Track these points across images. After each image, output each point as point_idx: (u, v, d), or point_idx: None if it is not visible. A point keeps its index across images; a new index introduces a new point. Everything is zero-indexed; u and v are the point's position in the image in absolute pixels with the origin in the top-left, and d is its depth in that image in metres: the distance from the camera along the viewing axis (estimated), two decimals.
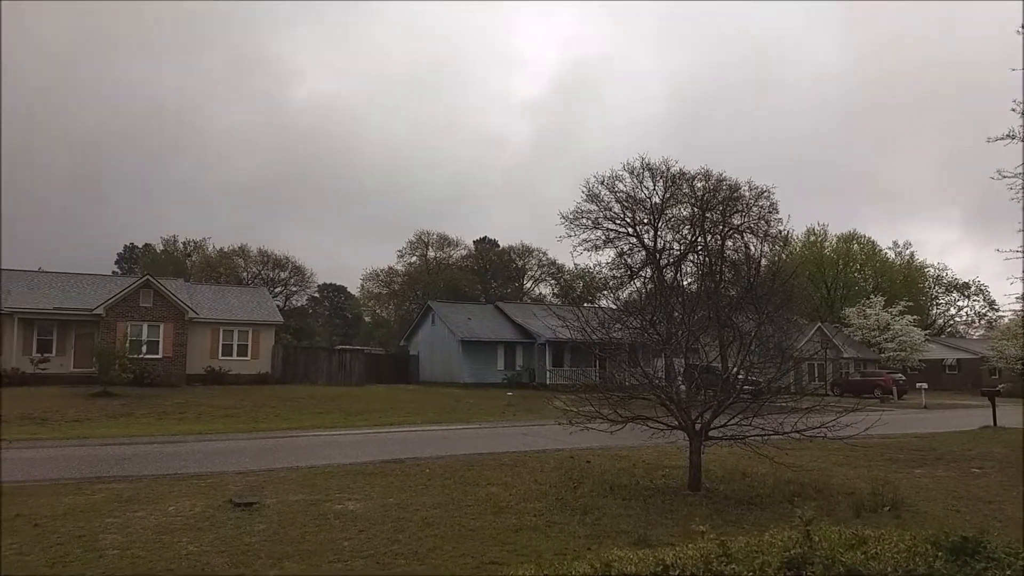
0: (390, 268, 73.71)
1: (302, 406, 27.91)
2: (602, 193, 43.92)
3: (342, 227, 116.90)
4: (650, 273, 41.14)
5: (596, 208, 44.07)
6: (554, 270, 73.17)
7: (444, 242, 74.55)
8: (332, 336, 75.37)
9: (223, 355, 36.51)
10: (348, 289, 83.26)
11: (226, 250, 69.67)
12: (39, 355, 31.83)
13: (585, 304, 30.32)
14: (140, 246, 77.25)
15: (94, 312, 32.16)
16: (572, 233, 44.44)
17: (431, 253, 74.27)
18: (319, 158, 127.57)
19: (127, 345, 31.15)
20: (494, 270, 74.80)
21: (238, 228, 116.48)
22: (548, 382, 39.73)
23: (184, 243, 74.47)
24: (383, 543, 8.52)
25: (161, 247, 74.54)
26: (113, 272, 64.19)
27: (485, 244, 76.93)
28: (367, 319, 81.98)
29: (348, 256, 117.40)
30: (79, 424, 21.45)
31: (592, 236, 44.20)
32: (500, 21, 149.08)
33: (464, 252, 75.55)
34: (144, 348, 32.54)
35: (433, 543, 8.54)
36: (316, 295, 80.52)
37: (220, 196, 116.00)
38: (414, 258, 74.05)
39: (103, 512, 9.99)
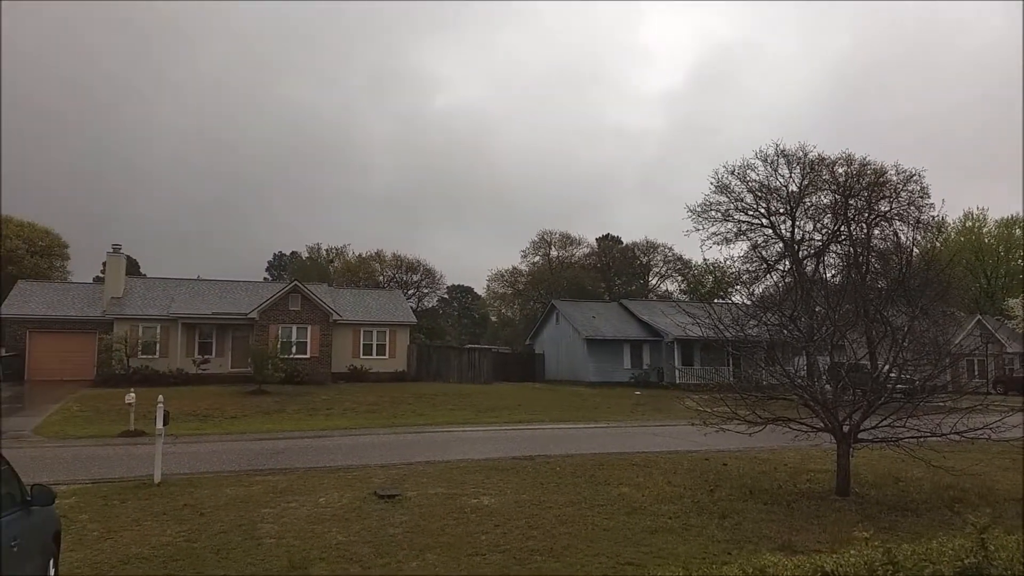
0: (514, 268, 74.83)
1: (436, 403, 28.88)
2: (732, 184, 42.28)
3: (473, 230, 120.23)
4: (788, 266, 39.10)
5: (726, 200, 42.45)
6: (680, 265, 71.37)
7: (566, 241, 74.65)
8: (461, 336, 77.52)
9: (364, 354, 38.49)
10: (475, 290, 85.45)
11: (364, 256, 73.44)
12: (201, 356, 34.89)
13: (716, 300, 29.27)
14: (288, 254, 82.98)
15: (248, 316, 34.86)
16: (700, 227, 43.12)
17: (554, 252, 74.61)
18: (455, 164, 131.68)
19: (278, 346, 33.57)
20: (618, 267, 73.95)
21: (378, 234, 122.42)
22: (677, 381, 38.76)
23: (327, 250, 79.08)
24: (518, 539, 8.66)
25: (306, 254, 79.60)
26: (264, 278, 69.36)
27: (608, 241, 76.26)
28: (493, 319, 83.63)
29: (478, 258, 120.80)
30: (237, 420, 23.34)
31: (722, 229, 42.65)
32: (631, 16, 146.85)
33: (587, 250, 75.30)
34: (293, 349, 34.93)
35: (567, 541, 8.57)
36: (445, 296, 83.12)
37: (364, 205, 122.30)
38: (537, 258, 74.70)
39: (260, 502, 10.81)
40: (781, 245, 41.76)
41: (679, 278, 72.22)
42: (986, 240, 65.95)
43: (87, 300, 37.20)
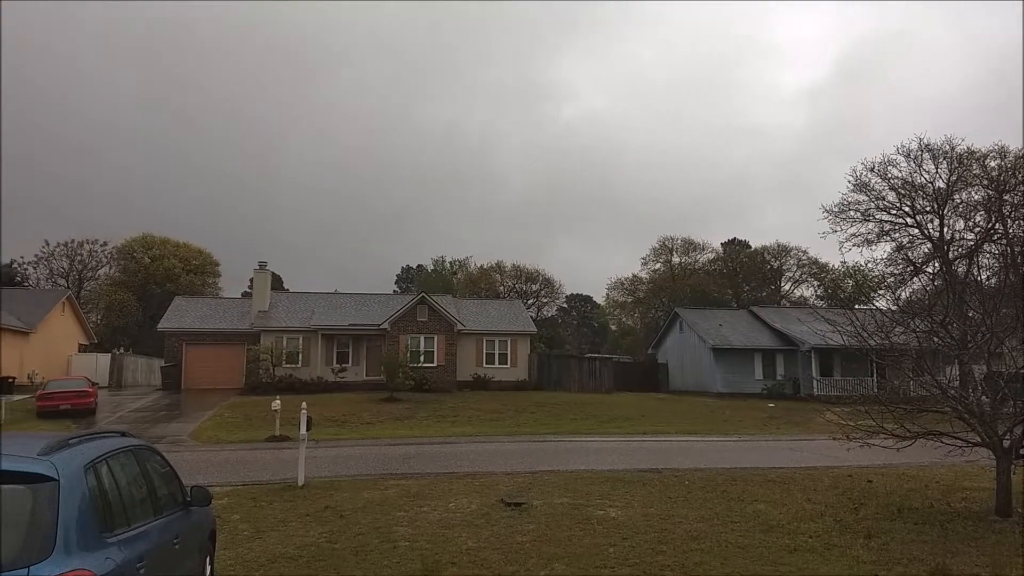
0: (634, 276, 73.64)
1: (558, 412, 28.92)
2: (872, 182, 39.66)
3: (597, 239, 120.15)
4: (937, 267, 36.10)
5: (866, 199, 39.91)
6: (816, 269, 67.50)
7: (689, 246, 72.56)
8: (580, 345, 77.21)
9: (486, 363, 39.26)
10: (594, 299, 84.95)
11: (485, 267, 75.03)
12: (338, 365, 36.82)
13: (856, 306, 27.40)
14: (414, 267, 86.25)
15: (381, 327, 36.48)
16: (838, 228, 40.71)
17: (676, 259, 72.78)
18: (581, 174, 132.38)
19: (407, 355, 34.93)
20: (746, 273, 71.03)
21: (502, 245, 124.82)
22: (815, 393, 36.58)
23: (450, 262, 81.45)
24: (647, 553, 8.48)
25: (431, 267, 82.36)
26: (393, 291, 72.34)
27: (735, 246, 73.49)
28: (613, 327, 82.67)
29: (601, 266, 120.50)
30: (372, 426, 24.45)
31: (862, 230, 40.09)
32: (762, 14, 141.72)
33: (711, 256, 72.95)
34: (421, 357, 36.22)
35: (699, 557, 8.30)
36: (564, 305, 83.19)
37: (491, 216, 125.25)
38: (658, 265, 73.17)
39: (395, 506, 11.23)
40: (929, 246, 38.74)
41: (814, 283, 68.34)
42: None
43: (236, 314, 40.30)
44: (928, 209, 38.73)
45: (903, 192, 39.04)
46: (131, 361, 43.76)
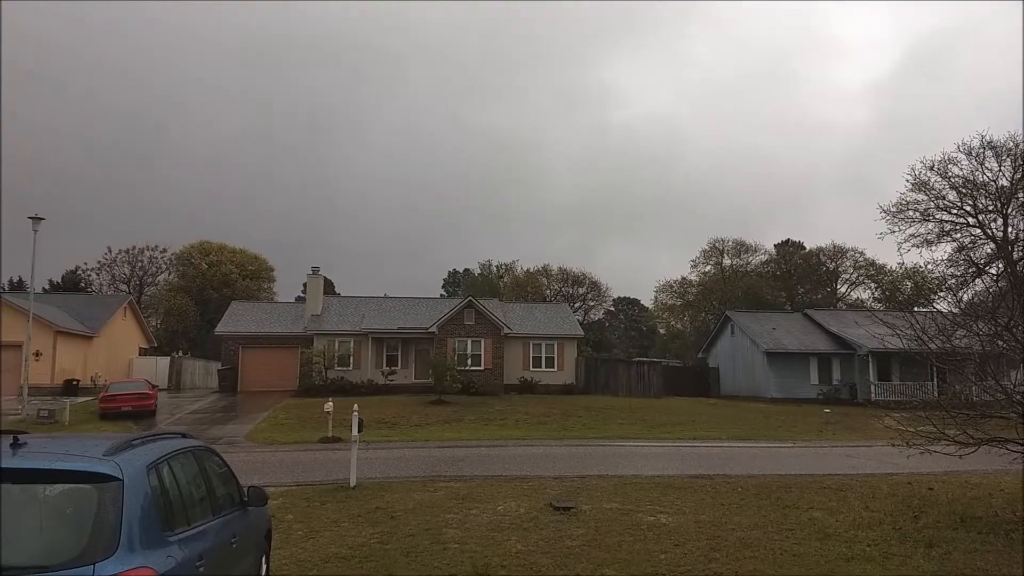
0: (683, 279, 72.60)
1: (605, 416, 28.71)
2: (932, 180, 38.37)
3: (649, 243, 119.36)
4: (1001, 268, 34.69)
5: (925, 198, 38.66)
6: (873, 271, 65.47)
7: (741, 248, 71.16)
8: (628, 348, 76.50)
9: (533, 367, 39.25)
10: (642, 302, 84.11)
11: (531, 270, 75.05)
12: (388, 368, 37.31)
13: (916, 308, 26.48)
14: (461, 271, 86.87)
15: (429, 330, 36.83)
16: (896, 228, 39.50)
17: (727, 261, 71.51)
18: (635, 176, 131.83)
19: (455, 358, 35.18)
20: (800, 275, 69.31)
21: (553, 248, 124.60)
22: (873, 398, 35.53)
23: (497, 266, 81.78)
24: (699, 560, 8.35)
25: (478, 271, 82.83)
26: (440, 295, 72.97)
27: (788, 247, 71.83)
28: (661, 331, 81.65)
29: (653, 269, 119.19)
30: (421, 428, 24.69)
31: (922, 230, 38.83)
32: (823, 9, 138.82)
33: (764, 257, 71.43)
34: (469, 361, 36.40)
35: (753, 565, 8.14)
36: (611, 309, 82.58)
37: (541, 220, 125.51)
38: (708, 267, 72.00)
39: (444, 508, 11.32)
40: (992, 246, 37.26)
41: (872, 285, 66.31)
42: None
43: (290, 318, 41.23)
44: (991, 208, 37.32)
45: (964, 191, 37.71)
46: (189, 364, 45.14)
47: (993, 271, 34.94)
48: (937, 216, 38.56)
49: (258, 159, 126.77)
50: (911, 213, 38.97)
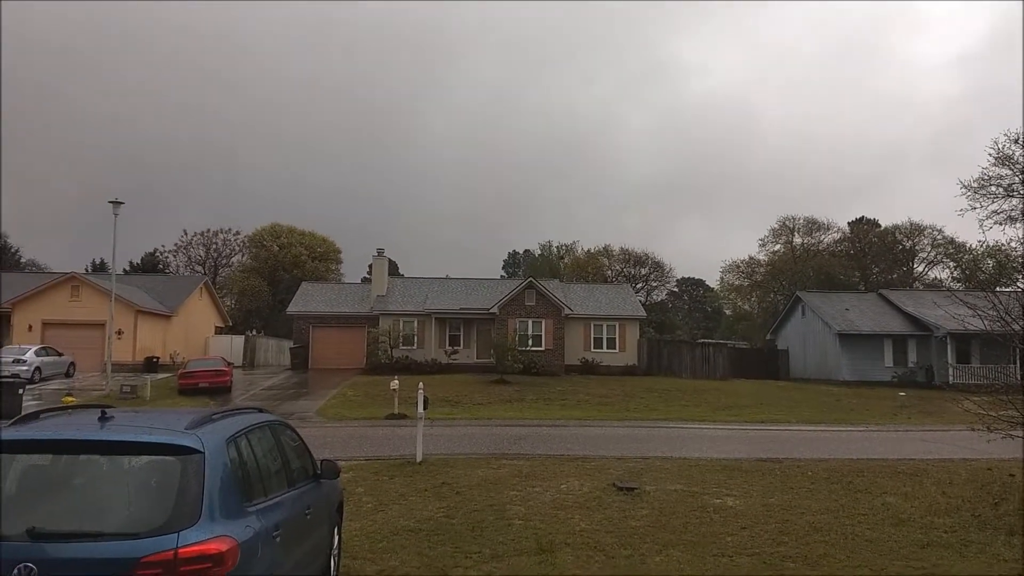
0: (751, 258, 70.69)
1: (668, 397, 28.42)
2: (1016, 154, 36.19)
3: (721, 222, 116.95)
4: None
5: (1009, 172, 36.52)
6: (952, 249, 62.33)
7: (812, 226, 68.62)
8: (692, 330, 75.24)
9: (594, 348, 39.11)
10: (707, 282, 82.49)
11: (592, 251, 74.46)
12: (450, 348, 37.85)
13: (998, 288, 25.13)
14: (521, 252, 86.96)
15: (490, 311, 37.13)
16: (977, 204, 37.50)
17: (797, 239, 69.23)
18: (710, 153, 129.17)
19: (516, 339, 35.39)
20: (875, 254, 66.56)
21: (619, 229, 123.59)
22: (951, 381, 34.01)
23: (557, 247, 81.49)
24: (767, 543, 8.22)
25: (539, 252, 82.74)
26: (500, 276, 73.27)
27: (862, 225, 69.02)
28: (727, 312, 79.88)
29: (725, 249, 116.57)
30: (483, 407, 24.98)
31: (1005, 206, 36.75)
32: None
33: (836, 236, 68.83)
34: (530, 341, 36.58)
35: (823, 549, 7.96)
36: (675, 290, 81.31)
37: (610, 199, 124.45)
38: (778, 246, 69.86)
39: (508, 485, 11.45)
40: None
41: (951, 264, 63.21)
42: None
43: (357, 298, 42.26)
44: None
45: None
46: (263, 342, 46.81)
47: None
48: (1022, 191, 36.42)
49: (328, 143, 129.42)
50: (993, 188, 36.96)
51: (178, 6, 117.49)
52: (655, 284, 74.61)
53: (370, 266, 45.30)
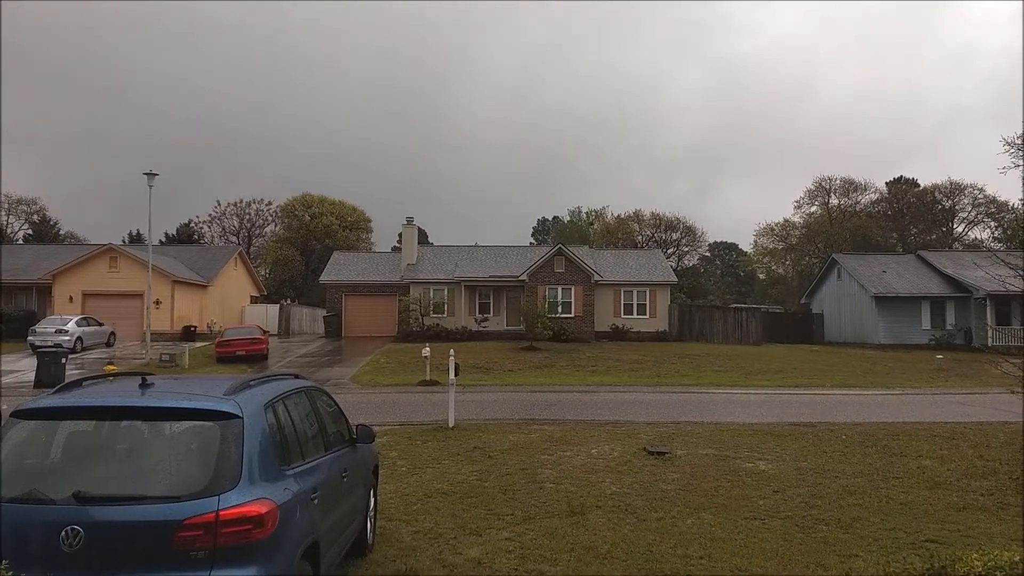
0: (785, 221, 69.45)
1: (700, 363, 28.30)
2: None
3: (770, 183, 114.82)
4: None
5: None
6: (994, 209, 60.48)
7: (849, 187, 67.00)
8: (725, 295, 74.49)
9: (624, 314, 38.95)
10: (739, 246, 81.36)
11: (622, 216, 73.82)
12: (480, 315, 38.06)
13: None
14: (550, 218, 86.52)
15: (519, 278, 37.14)
16: (1020, 162, 36.18)
17: (833, 200, 67.76)
18: (763, 111, 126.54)
19: (546, 306, 35.39)
20: (913, 214, 64.88)
21: (658, 192, 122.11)
22: (991, 343, 33.28)
23: (587, 212, 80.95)
24: (799, 507, 8.22)
25: (568, 218, 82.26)
26: (529, 243, 73.10)
27: (901, 185, 67.25)
28: (761, 276, 78.87)
29: (765, 211, 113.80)
30: (513, 373, 25.16)
31: None
32: None
33: (874, 196, 67.19)
34: (559, 308, 36.55)
35: (856, 512, 7.94)
36: (707, 254, 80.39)
37: (656, 161, 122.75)
38: (814, 207, 68.48)
39: (539, 449, 11.58)
40: None
41: (992, 224, 61.40)
42: None
43: (388, 267, 42.57)
44: None
45: None
46: (297, 311, 47.52)
47: None
48: None
49: (362, 112, 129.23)
50: None
51: None
52: (687, 249, 73.89)
53: (400, 235, 45.48)
